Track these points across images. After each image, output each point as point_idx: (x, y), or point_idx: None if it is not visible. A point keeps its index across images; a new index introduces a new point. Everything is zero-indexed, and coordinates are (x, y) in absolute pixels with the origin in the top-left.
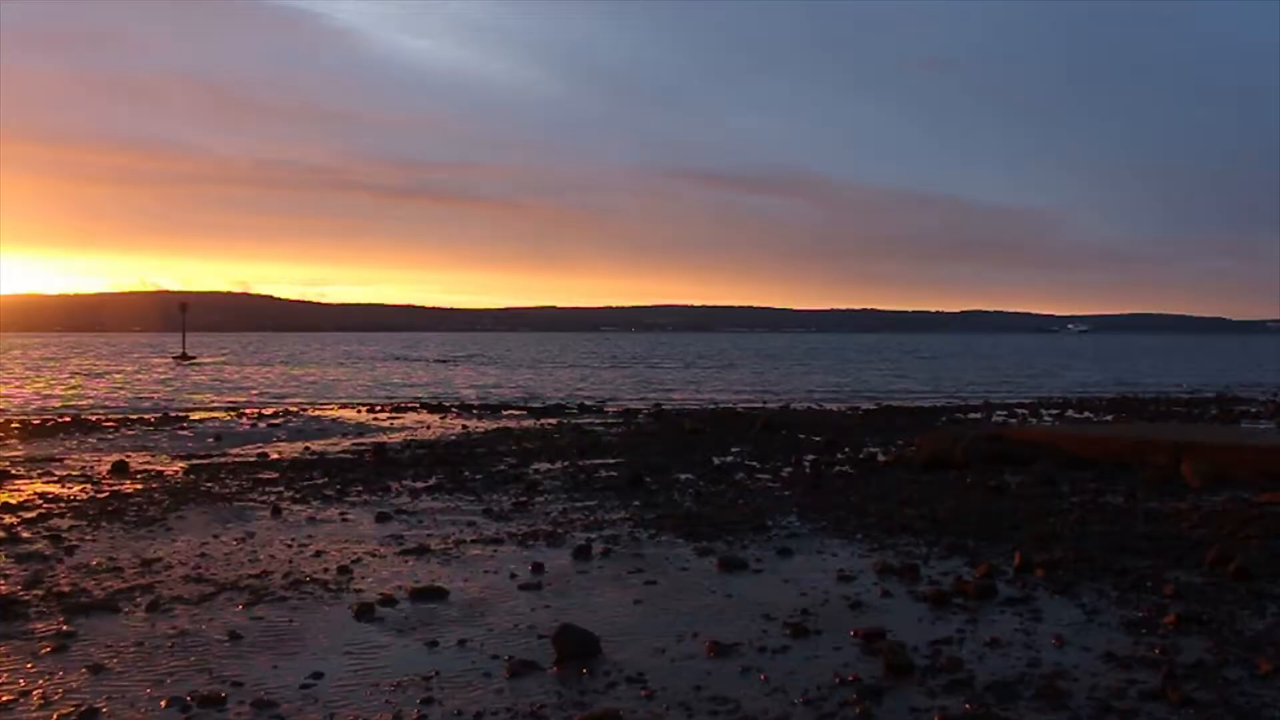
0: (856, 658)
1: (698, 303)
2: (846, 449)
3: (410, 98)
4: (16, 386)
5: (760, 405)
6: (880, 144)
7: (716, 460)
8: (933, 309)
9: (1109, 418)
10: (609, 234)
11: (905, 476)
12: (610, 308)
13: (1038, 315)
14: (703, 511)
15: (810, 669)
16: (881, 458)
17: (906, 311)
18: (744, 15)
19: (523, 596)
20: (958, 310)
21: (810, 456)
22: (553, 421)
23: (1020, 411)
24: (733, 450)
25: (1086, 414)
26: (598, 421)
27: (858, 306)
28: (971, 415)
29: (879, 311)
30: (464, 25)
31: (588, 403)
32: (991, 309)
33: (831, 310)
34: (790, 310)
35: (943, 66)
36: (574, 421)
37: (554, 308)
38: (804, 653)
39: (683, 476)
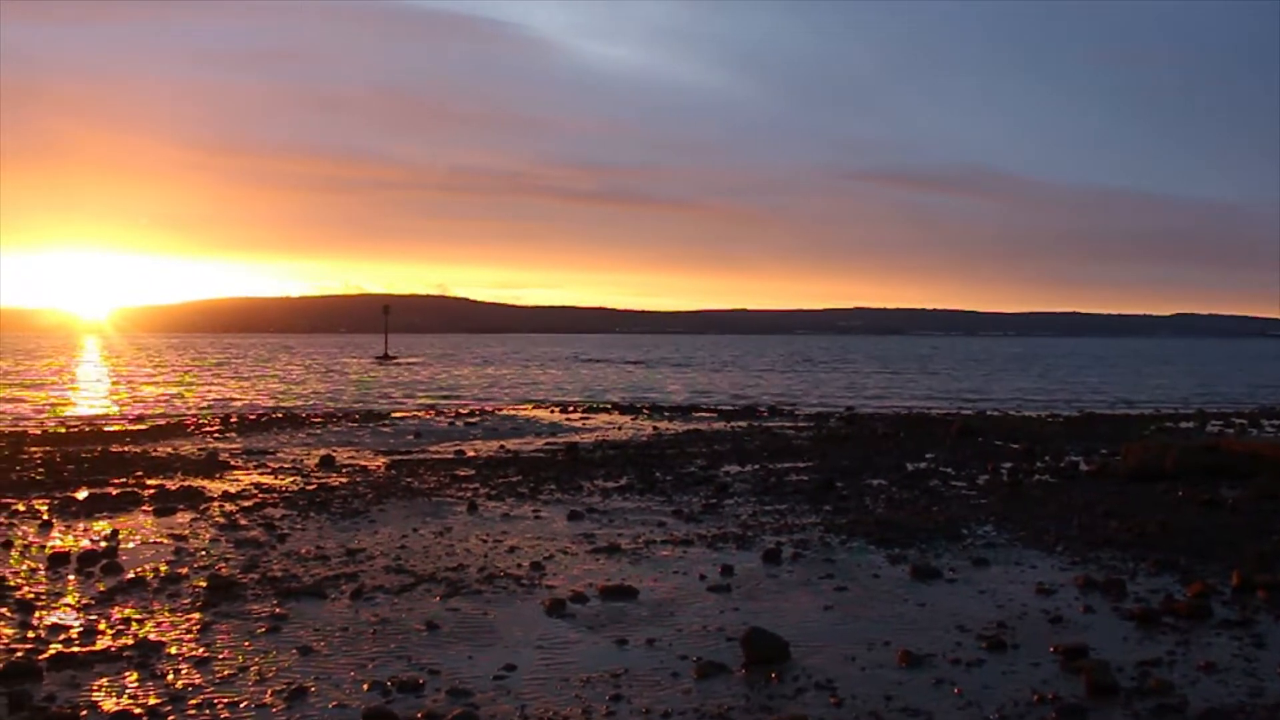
0: (1056, 675)
1: (889, 305)
2: (1046, 457)
3: (598, 103)
4: (234, 384)
5: (955, 411)
6: (1069, 139)
7: (910, 466)
8: (1139, 312)
9: None
10: (797, 235)
11: (1109, 487)
12: (801, 310)
13: (1258, 319)
14: (895, 518)
15: (1007, 684)
16: (1084, 467)
17: (1110, 315)
18: (927, 12)
19: (711, 598)
20: (1168, 313)
21: (1008, 464)
22: (743, 424)
23: (1238, 421)
24: (926, 456)
25: None
26: (788, 425)
27: (1057, 309)
28: (1183, 424)
29: (1080, 315)
30: (651, 30)
31: (778, 406)
32: (1205, 312)
33: (1029, 313)
34: (984, 313)
35: (1130, 58)
36: (764, 424)
37: (744, 310)
38: (1000, 667)
39: (875, 482)
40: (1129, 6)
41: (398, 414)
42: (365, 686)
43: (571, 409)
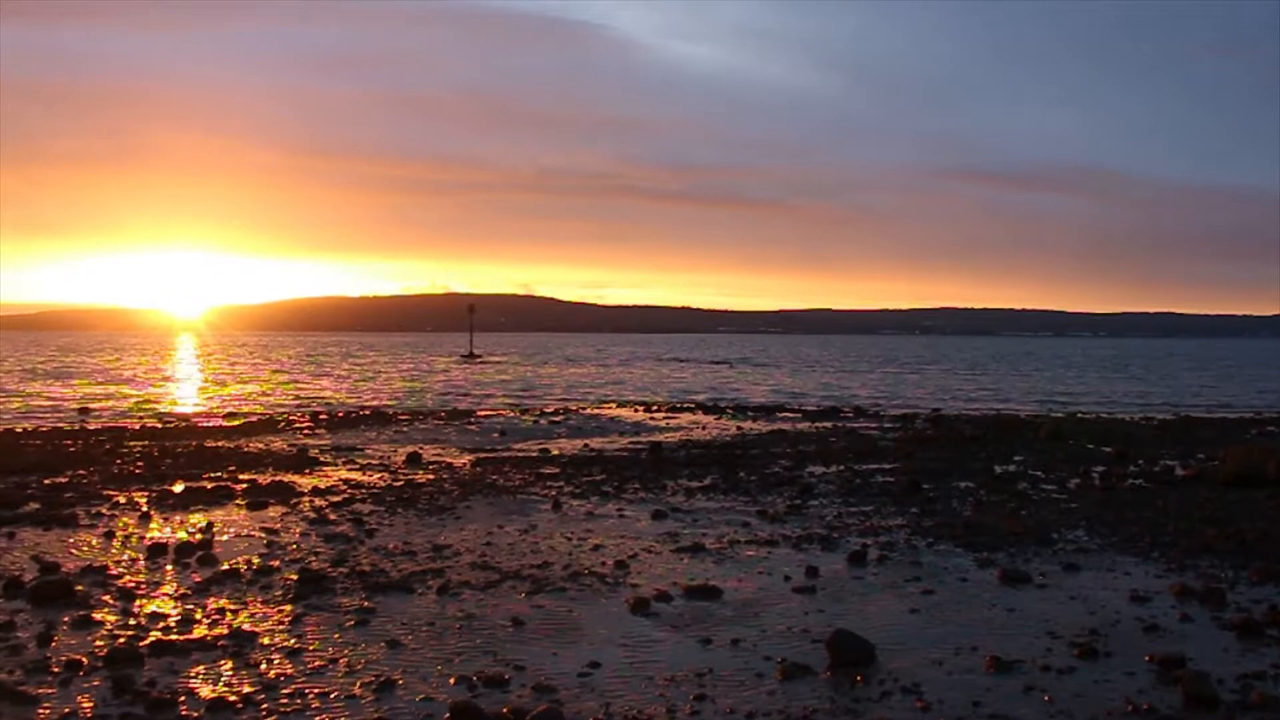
0: (1151, 685)
1: (977, 305)
2: (1140, 461)
3: (684, 103)
4: (323, 381)
5: (1045, 413)
6: (1166, 135)
7: (998, 469)
8: (1238, 312)
9: None
10: (883, 235)
11: (1207, 493)
12: (886, 310)
13: None
14: (983, 521)
15: (1099, 693)
16: (1180, 471)
17: (1208, 315)
18: (1015, 7)
19: (796, 599)
20: (1269, 314)
21: (1099, 468)
22: (828, 425)
23: None
24: (1015, 459)
25: None
26: (873, 425)
27: (1152, 309)
28: None
29: (1176, 315)
30: (737, 29)
31: (863, 406)
32: None
33: (1122, 313)
34: (1075, 314)
35: (1228, 50)
36: (849, 425)
37: (829, 310)
38: (1092, 675)
39: (962, 484)
40: None
41: (483, 412)
42: (451, 681)
43: (655, 408)
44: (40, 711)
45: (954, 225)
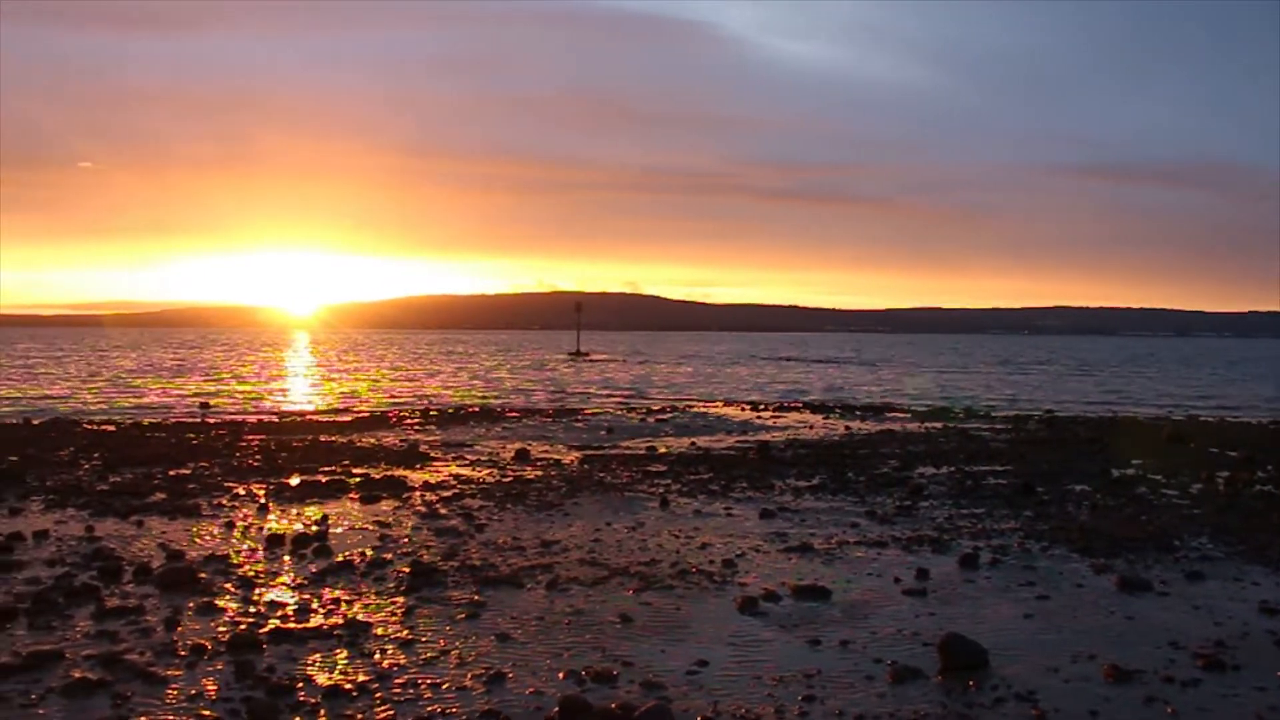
0: None
1: (1092, 304)
2: (1269, 466)
3: (790, 100)
4: (432, 378)
5: (1165, 415)
6: None
7: (1115, 472)
8: None
9: None
10: (992, 232)
11: None
12: (996, 309)
13: None
14: (1100, 526)
15: (1226, 708)
16: None
17: None
18: (1131, 1)
19: (906, 602)
20: None
21: (1224, 473)
22: (937, 425)
23: None
24: (1134, 462)
25: None
26: (984, 426)
27: None
28: None
29: None
30: (844, 25)
31: (974, 407)
32: None
33: (1249, 313)
34: (1198, 313)
35: None
36: (960, 426)
37: (937, 309)
38: (1219, 688)
39: (1077, 488)
40: None
41: (590, 410)
42: (561, 675)
43: (762, 407)
44: (169, 692)
45: (1067, 221)
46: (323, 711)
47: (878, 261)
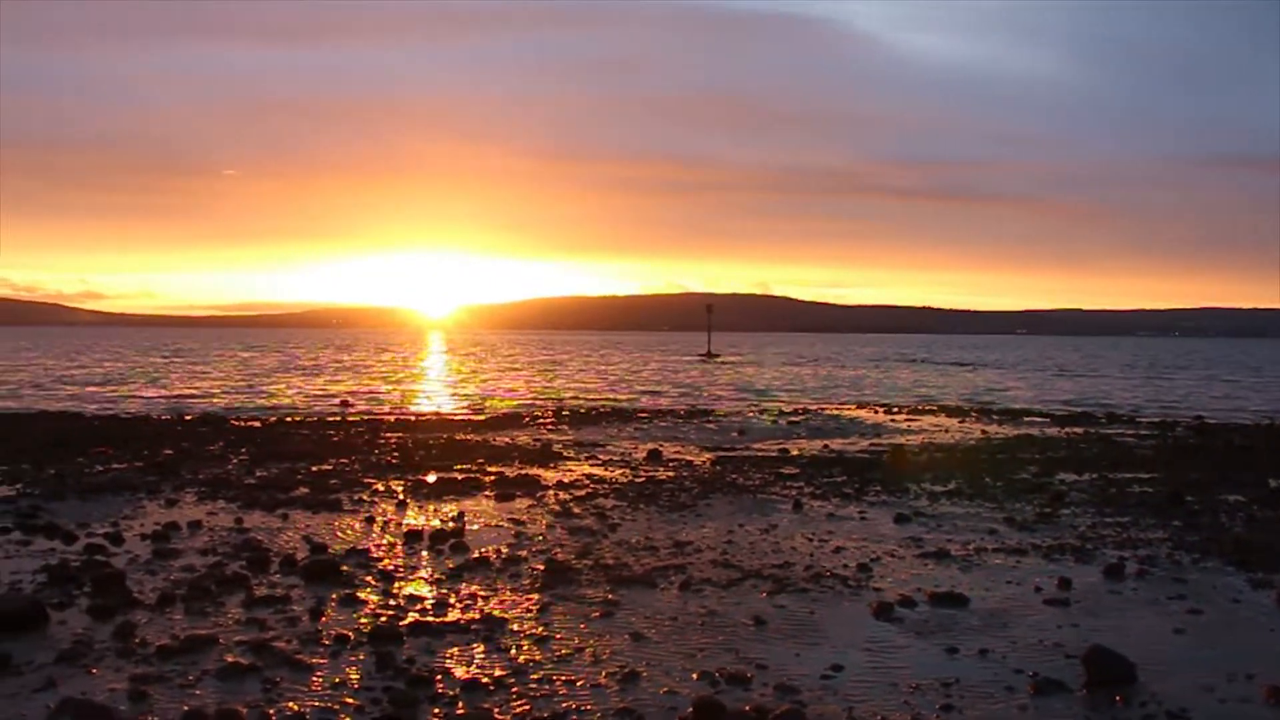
0: None
1: (1244, 305)
2: None
3: (924, 96)
4: (564, 378)
5: None
6: None
7: (1273, 483)
8: None
9: None
10: (1138, 230)
11: None
12: (1142, 311)
13: None
14: (1258, 539)
15: None
16: None
17: None
18: None
19: (1048, 611)
20: None
21: None
22: (1078, 430)
23: None
24: None
25: None
26: (1129, 432)
27: None
28: None
29: None
30: (978, 19)
31: (1118, 412)
32: None
33: None
34: None
35: None
36: (1102, 431)
37: (1079, 310)
38: None
39: (1231, 498)
40: None
41: (721, 410)
42: (694, 676)
43: (896, 409)
44: (314, 679)
45: (1219, 218)
46: (461, 704)
47: (1016, 261)
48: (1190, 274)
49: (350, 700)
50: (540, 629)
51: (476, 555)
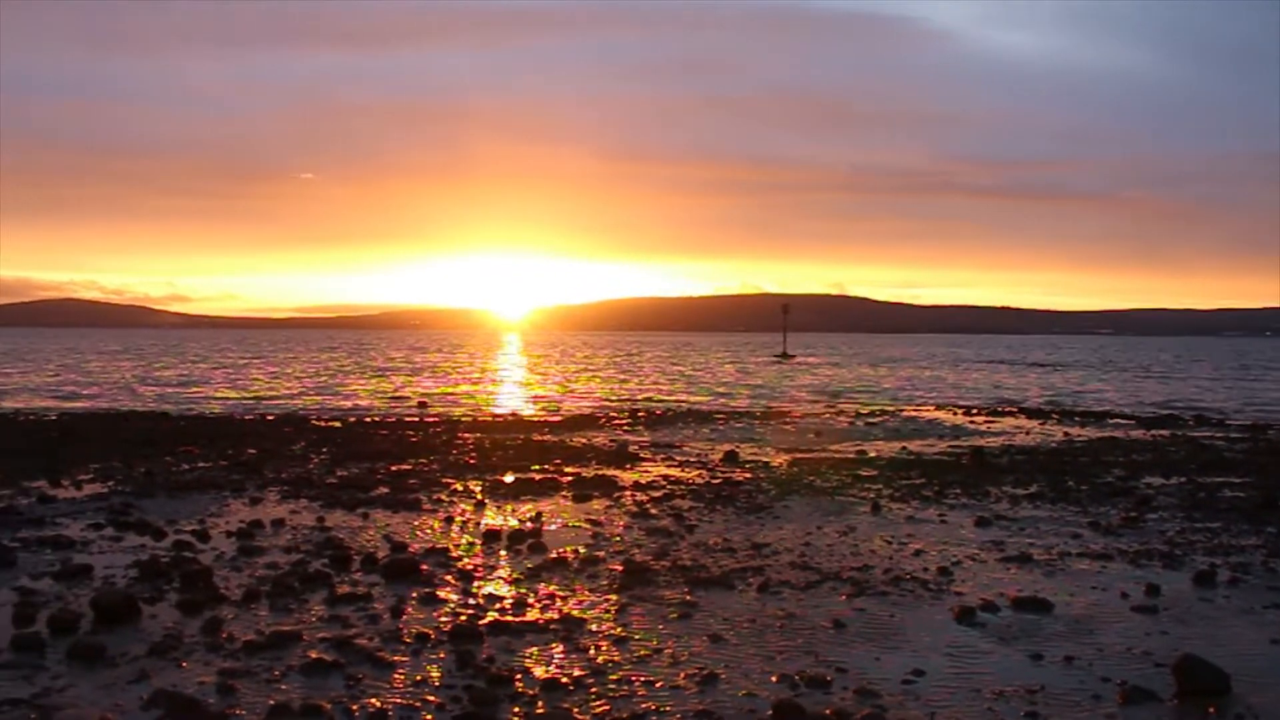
0: None
1: None
2: None
3: (1004, 94)
4: (640, 379)
5: None
6: None
7: None
8: None
9: None
10: (1228, 227)
11: None
12: (1229, 310)
13: None
14: None
15: None
16: None
17: None
18: None
19: (1135, 619)
20: None
21: None
22: (1164, 433)
23: None
24: None
25: None
26: (1218, 435)
27: None
28: None
29: None
30: (1059, 12)
31: (1206, 414)
32: None
33: None
34: None
35: None
36: (1189, 434)
37: (1164, 310)
38: None
39: None
40: None
41: (798, 413)
42: (774, 678)
43: (975, 411)
44: (396, 676)
45: None
46: (540, 703)
47: (1097, 260)
48: (1275, 272)
49: (431, 698)
50: (619, 629)
51: (554, 555)
